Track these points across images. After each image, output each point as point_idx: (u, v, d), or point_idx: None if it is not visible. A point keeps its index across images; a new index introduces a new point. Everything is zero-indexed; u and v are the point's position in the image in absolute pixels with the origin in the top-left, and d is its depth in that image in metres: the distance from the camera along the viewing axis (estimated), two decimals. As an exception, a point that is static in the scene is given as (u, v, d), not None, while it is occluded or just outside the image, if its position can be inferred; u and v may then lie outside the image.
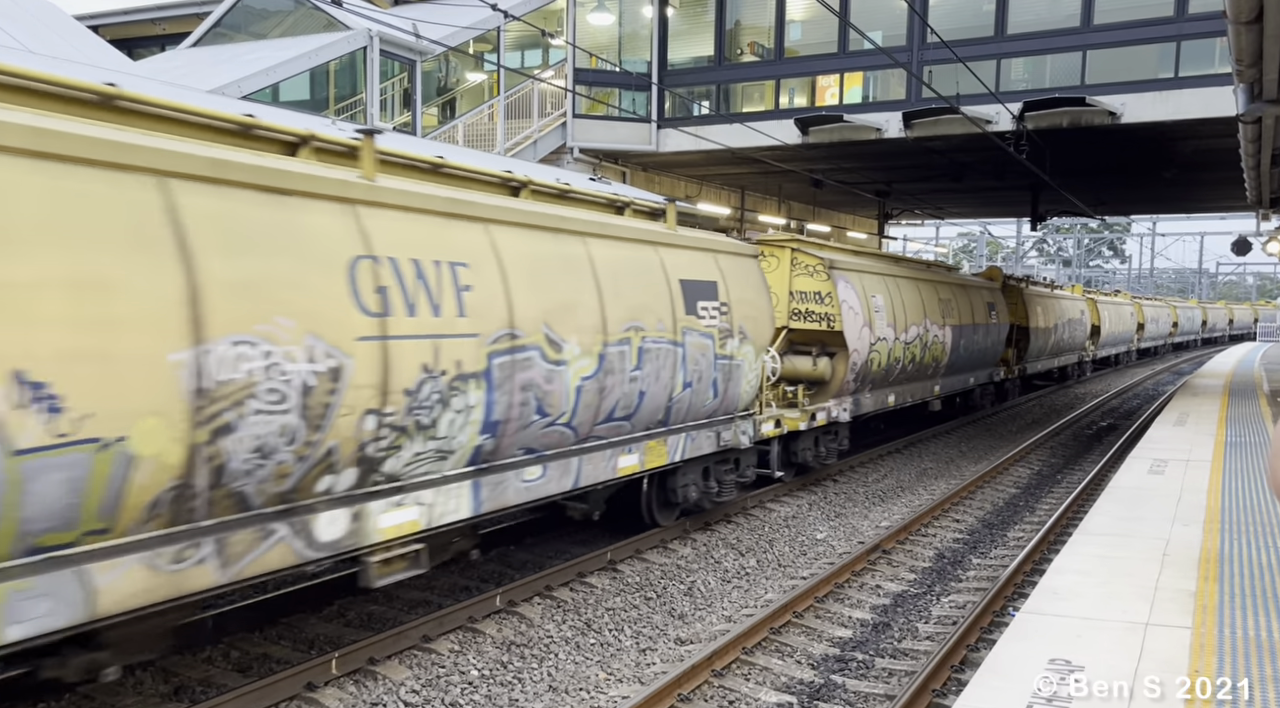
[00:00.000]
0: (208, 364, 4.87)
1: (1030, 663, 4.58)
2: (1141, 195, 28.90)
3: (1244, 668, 4.52)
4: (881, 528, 11.94)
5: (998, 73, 16.74)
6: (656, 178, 21.81)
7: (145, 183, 4.79)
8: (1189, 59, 14.97)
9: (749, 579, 9.80)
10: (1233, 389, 20.86)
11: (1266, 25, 4.85)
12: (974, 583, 9.83)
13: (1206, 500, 8.66)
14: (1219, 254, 75.23)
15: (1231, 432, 13.54)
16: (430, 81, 20.71)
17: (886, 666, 7.53)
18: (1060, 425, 21.47)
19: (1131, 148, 18.61)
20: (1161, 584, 5.94)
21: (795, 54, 19.85)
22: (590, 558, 9.57)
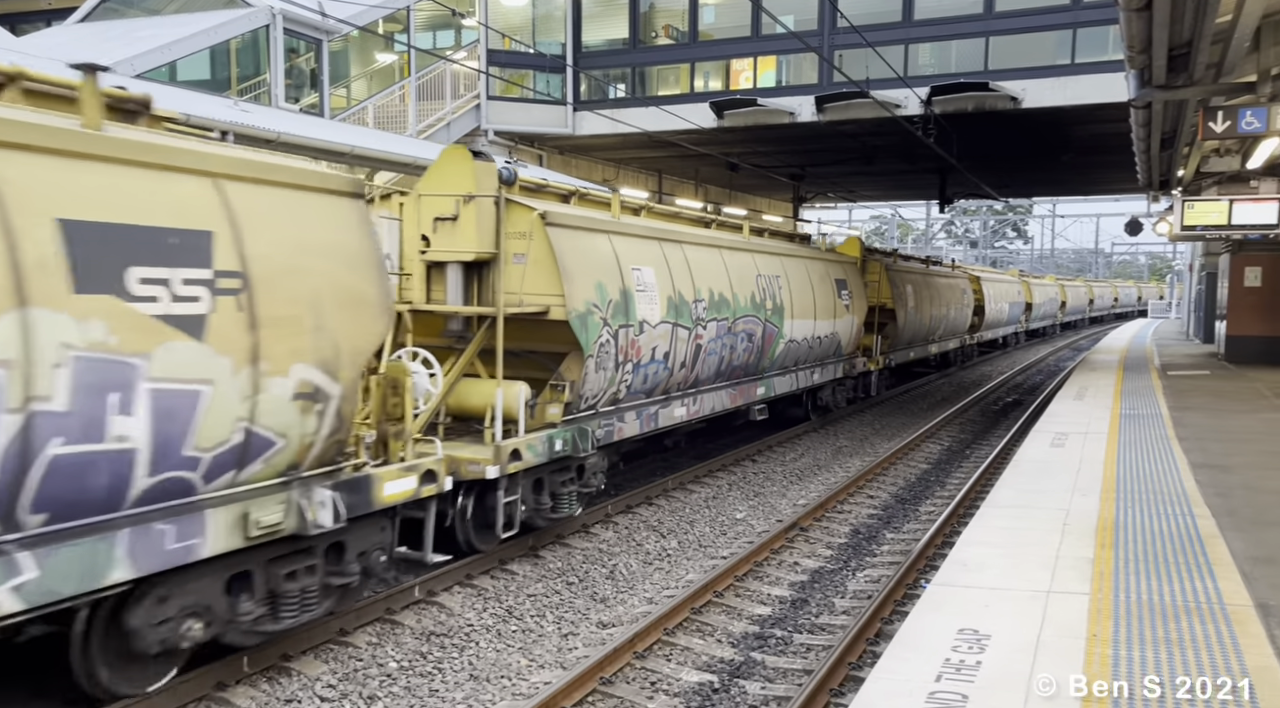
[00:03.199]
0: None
1: (941, 634, 4.72)
2: (1042, 178, 29.93)
3: (1137, 630, 4.74)
4: (799, 506, 12.13)
5: (906, 58, 17.10)
6: (573, 161, 21.67)
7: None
8: (1085, 46, 15.53)
9: (670, 560, 9.86)
10: (1127, 365, 21.84)
11: (1156, 12, 5.05)
12: (888, 557, 10.08)
13: (1103, 471, 9.04)
14: (1114, 235, 78.48)
15: (1126, 405, 14.17)
16: (340, 61, 20.12)
17: (805, 641, 7.67)
18: (969, 402, 22.14)
19: (1033, 132, 19.25)
20: (1062, 553, 6.18)
21: (709, 37, 19.91)
22: (511, 545, 9.50)
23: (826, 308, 15.71)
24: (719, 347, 12.12)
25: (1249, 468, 9.22)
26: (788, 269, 14.22)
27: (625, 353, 9.97)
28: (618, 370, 9.95)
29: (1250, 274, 21.74)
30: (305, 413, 5.93)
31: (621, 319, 9.81)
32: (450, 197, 8.75)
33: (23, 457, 4.52)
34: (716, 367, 12.30)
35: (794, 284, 14.26)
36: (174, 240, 5.17)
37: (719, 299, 11.89)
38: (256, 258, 5.60)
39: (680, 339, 11.08)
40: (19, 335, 4.47)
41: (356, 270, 6.33)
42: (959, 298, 26.38)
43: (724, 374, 12.73)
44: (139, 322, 4.96)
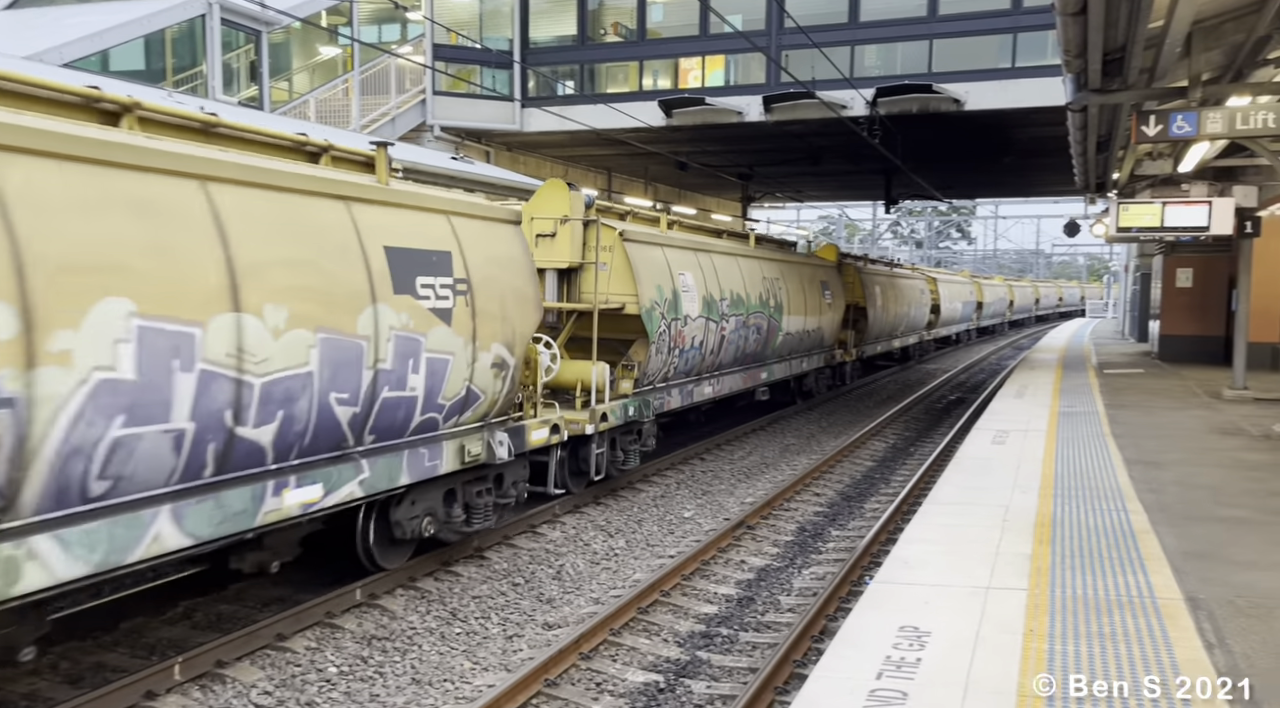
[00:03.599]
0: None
1: (882, 631, 4.75)
2: (984, 180, 30.48)
3: (1072, 625, 4.82)
4: (746, 504, 12.17)
5: (852, 59, 17.27)
6: (522, 158, 21.50)
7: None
8: (1025, 50, 15.82)
9: (618, 560, 9.82)
10: (1066, 363, 22.35)
11: (1090, 17, 5.14)
12: (833, 554, 10.15)
13: (1042, 468, 9.21)
14: (1054, 236, 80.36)
15: (1064, 402, 14.48)
16: (282, 54, 19.71)
17: (750, 639, 7.69)
18: (913, 400, 22.46)
19: (975, 134, 19.57)
20: (1001, 549, 6.27)
21: (658, 35, 19.90)
22: (457, 546, 9.39)
23: (814, 306, 18.22)
24: (736, 337, 14.64)
25: (1180, 464, 9.47)
26: (784, 273, 16.80)
27: (674, 341, 12.53)
28: (669, 355, 12.51)
29: (1182, 275, 22.37)
30: (496, 377, 8.52)
31: (672, 314, 12.34)
32: (550, 219, 11.21)
33: (370, 398, 7.02)
34: (734, 354, 14.81)
35: (790, 286, 16.81)
36: (434, 258, 7.64)
37: (737, 298, 14.45)
38: (474, 269, 8.07)
39: (710, 331, 13.60)
40: (372, 321, 6.91)
41: (521, 276, 8.85)
42: (918, 297, 28.69)
43: (739, 361, 15.26)
44: (421, 312, 7.44)
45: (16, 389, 4.67)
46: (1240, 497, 7.92)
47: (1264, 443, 10.77)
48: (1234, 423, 12.29)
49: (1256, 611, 4.99)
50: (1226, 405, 14.11)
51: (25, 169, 4.82)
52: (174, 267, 5.48)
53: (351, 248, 6.85)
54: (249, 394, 5.97)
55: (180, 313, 5.48)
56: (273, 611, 7.56)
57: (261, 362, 6.04)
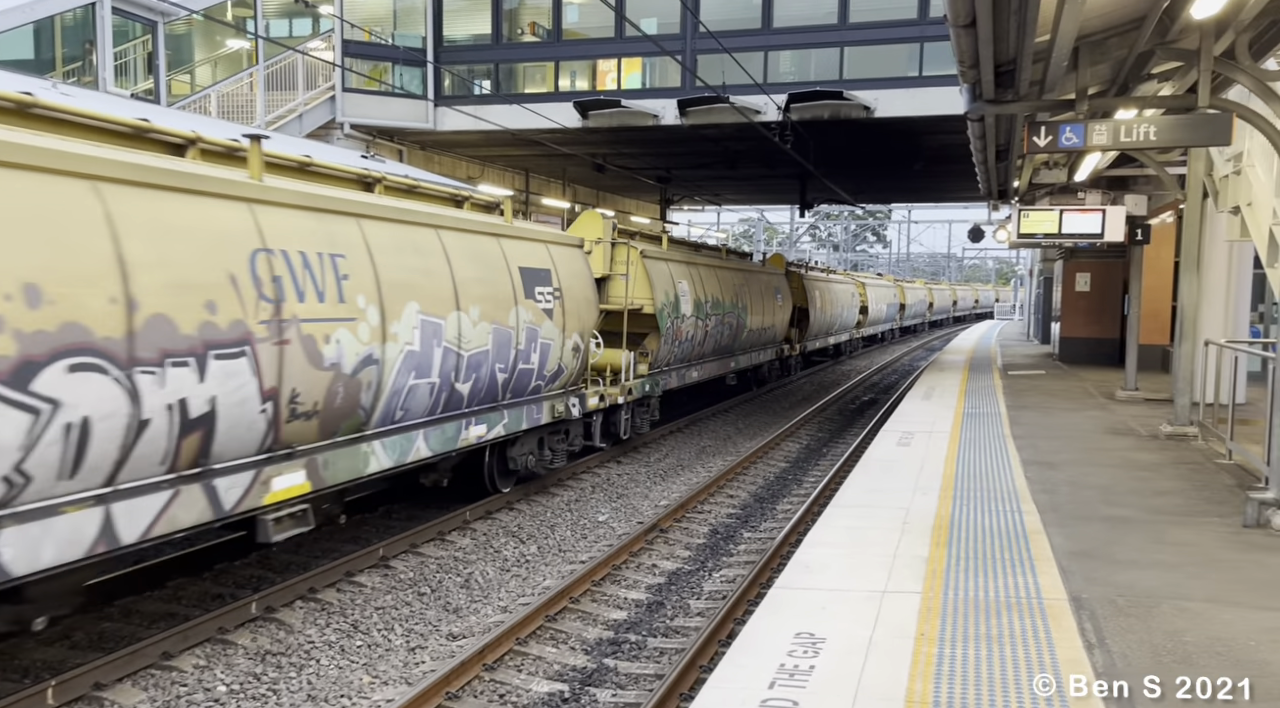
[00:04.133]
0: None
1: (778, 638, 4.75)
2: (896, 186, 31.17)
3: (962, 628, 4.90)
4: (660, 507, 12.16)
5: (765, 64, 17.44)
6: (436, 157, 21.15)
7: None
8: (932, 59, 16.20)
9: (529, 567, 9.69)
10: (973, 365, 22.98)
11: (980, 30, 5.24)
12: (744, 556, 10.21)
13: (944, 469, 9.41)
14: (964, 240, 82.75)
15: (969, 404, 14.87)
16: (184, 45, 19.00)
17: (658, 645, 7.65)
18: (828, 401, 22.83)
19: (886, 140, 19.98)
20: (900, 552, 6.36)
21: (576, 36, 19.79)
22: (360, 555, 9.15)
23: (769, 308, 21.99)
24: (716, 333, 18.09)
25: (1073, 464, 9.78)
26: (748, 280, 20.48)
27: (675, 335, 15.98)
28: (672, 345, 15.91)
29: (1081, 280, 23.24)
30: (574, 357, 11.90)
31: (674, 313, 15.83)
32: (587, 241, 13.65)
33: (513, 368, 10.33)
34: (714, 346, 18.29)
35: (752, 291, 20.30)
36: (543, 274, 10.99)
37: (716, 301, 18.01)
38: (563, 281, 11.52)
39: (699, 327, 17.20)
40: (515, 316, 10.25)
41: (588, 286, 12.48)
42: (850, 300, 32.89)
43: (716, 352, 18.78)
44: (538, 311, 10.76)
45: (379, 354, 8.05)
46: (1127, 496, 8.21)
47: (1152, 443, 11.21)
48: (1125, 423, 12.79)
49: (1135, 610, 5.16)
50: (1119, 406, 14.67)
51: (376, 227, 8.26)
52: (433, 283, 8.92)
53: (502, 268, 10.35)
54: (461, 362, 9.40)
55: (437, 311, 8.94)
56: (160, 628, 7.24)
57: (468, 342, 9.50)
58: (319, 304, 7.35)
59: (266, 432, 7.00)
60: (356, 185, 9.03)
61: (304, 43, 19.89)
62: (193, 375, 6.18)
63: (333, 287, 7.54)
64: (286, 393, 7.06)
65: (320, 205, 7.67)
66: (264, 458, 7.09)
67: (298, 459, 7.45)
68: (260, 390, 6.79)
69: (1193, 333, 11.95)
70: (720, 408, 20.45)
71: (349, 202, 8.11)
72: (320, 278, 7.40)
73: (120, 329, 5.65)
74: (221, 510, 6.73)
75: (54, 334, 5.26)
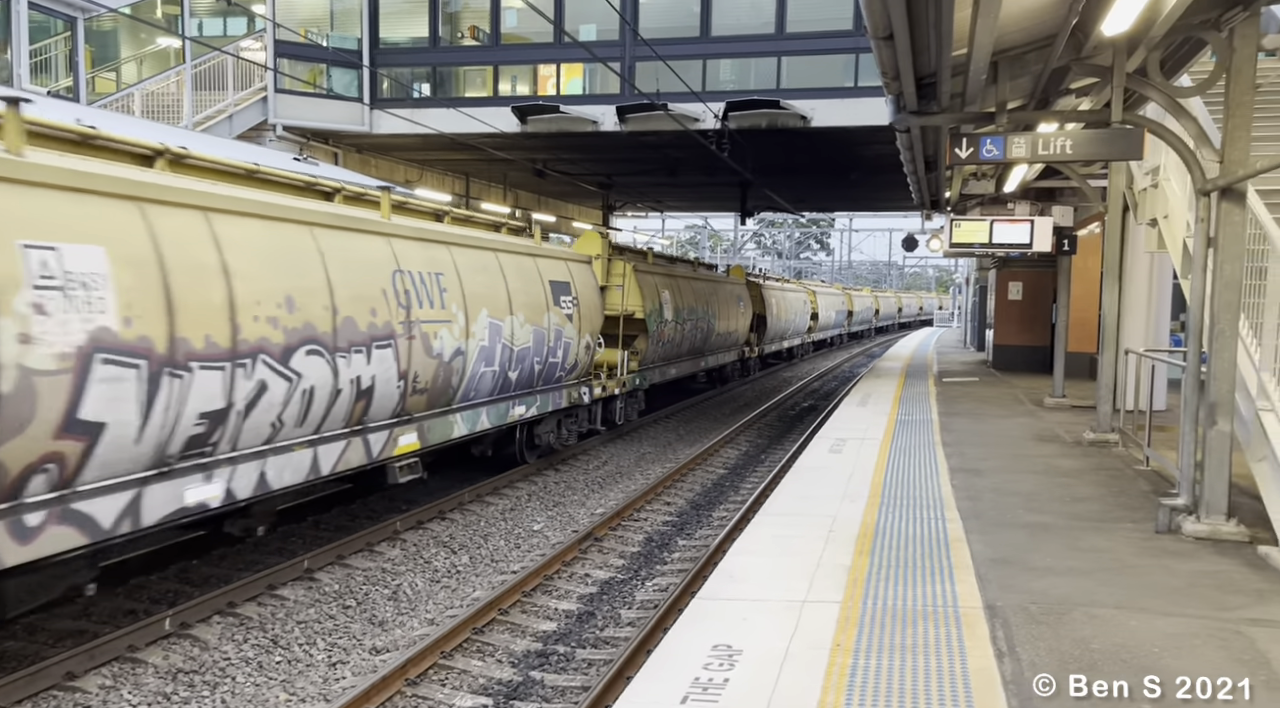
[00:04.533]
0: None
1: (695, 651, 4.72)
2: (834, 195, 31.55)
3: (878, 638, 4.91)
4: (596, 515, 12.08)
5: (704, 73, 17.50)
6: (373, 161, 20.84)
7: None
8: (867, 70, 16.38)
9: (459, 578, 9.54)
10: (909, 372, 23.32)
11: (898, 43, 5.30)
12: (678, 565, 10.17)
13: (873, 477, 9.49)
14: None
15: (903, 410, 15.06)
16: (110, 43, 18.43)
17: (587, 656, 7.57)
18: (769, 407, 22.96)
19: (823, 150, 20.18)
20: (823, 561, 6.38)
21: (517, 40, 19.66)
22: (284, 568, 8.92)
23: (733, 314, 24.58)
24: (690, 336, 20.34)
25: (999, 471, 9.93)
26: (716, 290, 23.07)
27: (659, 337, 18.27)
28: (656, 346, 18.22)
29: (1013, 288, 23.74)
30: (586, 353, 14.26)
31: (659, 319, 18.16)
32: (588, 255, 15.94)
33: (545, 361, 12.85)
34: (688, 348, 20.54)
35: (719, 299, 22.80)
36: (564, 285, 13.48)
37: (691, 308, 20.36)
38: (578, 291, 13.98)
39: (678, 331, 19.52)
40: (547, 320, 12.84)
41: (595, 294, 14.94)
42: (802, 307, 35.67)
43: (690, 353, 21.07)
44: (562, 315, 13.23)
45: (464, 348, 10.56)
46: (1048, 503, 8.36)
47: (1075, 449, 11.46)
48: (1051, 430, 13.06)
49: (1047, 617, 5.23)
50: (1047, 412, 14.99)
51: (460, 252, 10.89)
52: (495, 294, 11.45)
53: (538, 281, 12.86)
54: (512, 355, 11.90)
55: (498, 315, 11.42)
56: (66, 647, 6.96)
57: (517, 340, 12.00)
58: (430, 310, 10.00)
59: (399, 402, 9.67)
60: (431, 217, 11.46)
61: (235, 42, 19.44)
62: (363, 360, 8.85)
63: (437, 297, 10.21)
64: (411, 374, 9.74)
65: (426, 236, 10.45)
66: (395, 421, 9.77)
67: (413, 423, 10.14)
68: (398, 372, 9.47)
69: (1114, 342, 12.25)
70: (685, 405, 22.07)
71: (443, 233, 10.95)
72: (430, 291, 10.07)
73: (329, 327, 8.32)
74: (371, 457, 9.43)
75: (300, 330, 7.91)
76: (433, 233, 10.59)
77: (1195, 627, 5.08)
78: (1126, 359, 11.77)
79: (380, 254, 9.26)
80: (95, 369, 5.99)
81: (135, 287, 6.30)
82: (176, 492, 7.02)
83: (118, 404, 6.20)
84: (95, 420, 6.05)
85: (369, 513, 11.33)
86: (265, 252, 7.68)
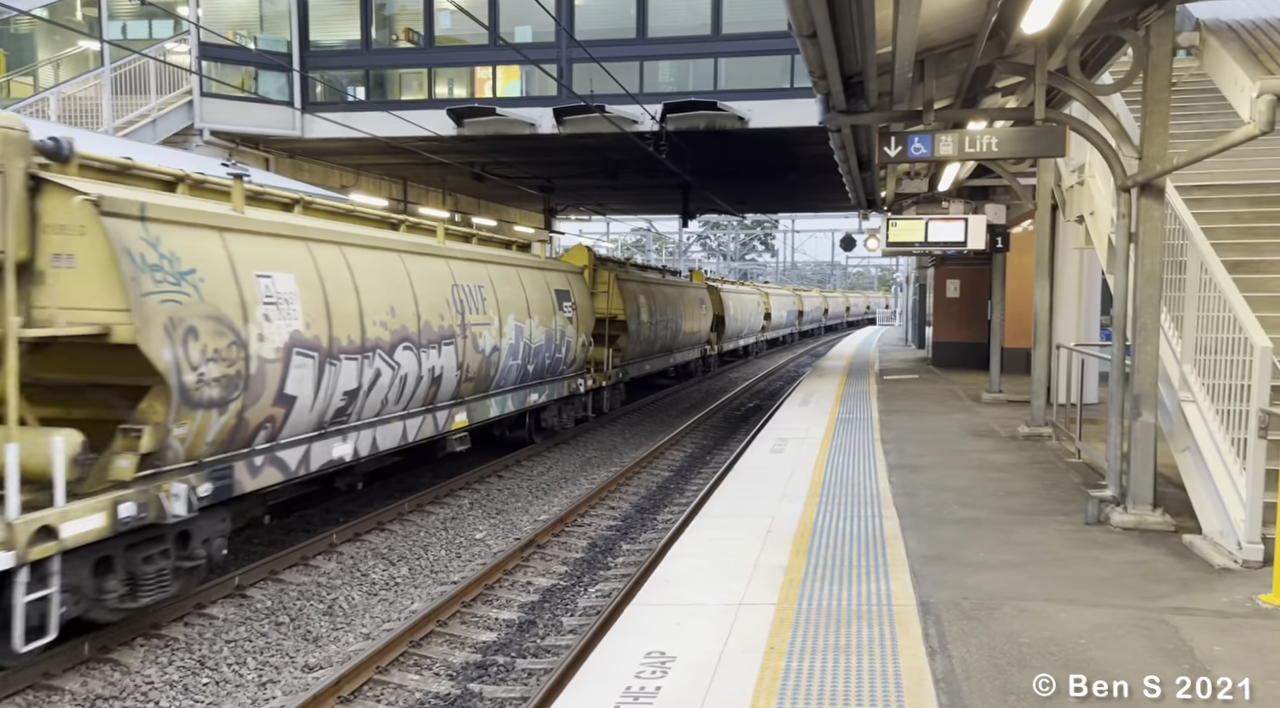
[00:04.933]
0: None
1: (628, 659, 4.63)
2: (775, 196, 31.75)
3: (812, 639, 4.88)
4: (540, 521, 11.94)
5: (641, 74, 17.45)
6: (306, 166, 20.42)
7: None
8: (802, 71, 16.45)
9: (398, 590, 9.34)
10: (851, 370, 23.55)
11: (821, 41, 5.29)
12: (621, 569, 10.08)
13: (813, 476, 9.51)
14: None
15: (844, 409, 15.16)
16: (26, 46, 17.78)
17: (527, 666, 7.45)
18: (714, 408, 22.99)
19: (762, 151, 20.27)
20: (760, 562, 6.34)
21: (453, 42, 19.42)
22: (213, 586, 8.63)
23: (697, 316, 27.66)
24: (663, 335, 22.82)
25: (935, 467, 10.02)
26: (683, 293, 26.07)
27: (639, 336, 20.67)
28: (636, 344, 20.59)
29: (951, 286, 24.11)
30: (583, 351, 17.05)
31: (638, 320, 20.70)
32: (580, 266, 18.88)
33: (552, 357, 15.62)
34: (661, 346, 23.14)
35: (685, 302, 25.69)
36: (563, 292, 16.17)
37: (663, 310, 22.88)
38: (576, 298, 16.82)
39: (653, 330, 22.12)
40: (556, 322, 15.63)
41: (587, 300, 17.51)
42: (756, 308, 38.28)
43: (662, 350, 23.85)
44: (565, 318, 16.03)
45: (499, 345, 13.24)
46: (983, 497, 8.44)
47: (1010, 444, 11.62)
48: (987, 425, 13.24)
49: (979, 613, 5.25)
50: (984, 408, 15.22)
51: (494, 269, 13.69)
52: (518, 301, 13.96)
53: (546, 289, 15.36)
54: (530, 351, 14.34)
55: (520, 319, 13.93)
56: (-25, 678, 6.63)
57: (533, 339, 14.44)
58: (476, 315, 12.65)
59: (456, 387, 12.28)
60: (460, 238, 13.89)
61: (156, 45, 18.88)
62: (436, 354, 11.42)
63: (480, 305, 12.81)
64: (465, 365, 12.33)
65: (472, 257, 13.23)
66: (453, 403, 12.39)
67: (464, 405, 12.78)
68: (457, 363, 12.04)
69: (1047, 337, 12.47)
70: (587, 426, 20.37)
71: (482, 254, 13.81)
72: (476, 300, 12.72)
73: (416, 329, 10.83)
74: (438, 429, 12.12)
75: (399, 331, 10.48)
76: (476, 254, 13.52)
77: (1121, 617, 5.13)
78: (1058, 354, 11.98)
79: (442, 272, 11.94)
80: (292, 359, 8.61)
81: (310, 301, 8.92)
82: (328, 448, 9.74)
83: (303, 383, 8.82)
84: (292, 394, 8.71)
85: (305, 526, 11.06)
86: (377, 273, 10.30)
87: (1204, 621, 5.10)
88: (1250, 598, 5.48)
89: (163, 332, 7.04)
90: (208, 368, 7.52)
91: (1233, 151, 7.76)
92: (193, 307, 7.40)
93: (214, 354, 7.60)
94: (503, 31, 17.76)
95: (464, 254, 12.88)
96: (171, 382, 7.09)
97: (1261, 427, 5.89)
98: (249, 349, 8.02)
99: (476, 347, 12.54)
